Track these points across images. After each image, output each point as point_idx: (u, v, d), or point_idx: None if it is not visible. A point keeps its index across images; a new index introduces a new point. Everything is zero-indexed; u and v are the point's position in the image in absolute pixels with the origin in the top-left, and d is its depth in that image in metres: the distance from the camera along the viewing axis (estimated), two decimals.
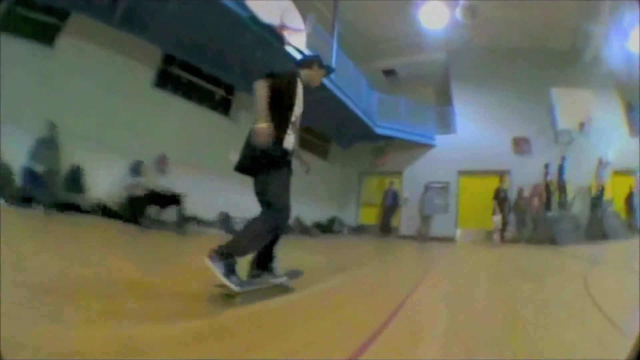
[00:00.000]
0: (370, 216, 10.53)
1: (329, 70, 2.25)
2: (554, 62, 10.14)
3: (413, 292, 2.28)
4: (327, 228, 9.98)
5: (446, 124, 10.41)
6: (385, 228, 9.73)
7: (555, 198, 9.37)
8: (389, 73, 11.34)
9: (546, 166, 9.56)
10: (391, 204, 9.81)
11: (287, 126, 1.87)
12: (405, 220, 10.03)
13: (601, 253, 6.10)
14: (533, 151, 10.00)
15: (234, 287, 1.60)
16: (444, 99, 10.85)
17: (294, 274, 2.10)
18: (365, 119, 9.42)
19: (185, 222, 5.57)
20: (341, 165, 11.21)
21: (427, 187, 9.48)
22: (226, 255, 1.62)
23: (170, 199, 5.43)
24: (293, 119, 1.93)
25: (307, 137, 9.97)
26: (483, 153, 9.81)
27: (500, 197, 8.65)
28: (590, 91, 9.62)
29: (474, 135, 10.07)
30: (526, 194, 9.26)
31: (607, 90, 10.04)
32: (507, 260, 5.45)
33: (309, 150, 10.01)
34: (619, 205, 9.29)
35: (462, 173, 10.18)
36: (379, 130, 9.80)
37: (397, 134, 10.05)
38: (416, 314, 1.80)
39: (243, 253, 1.75)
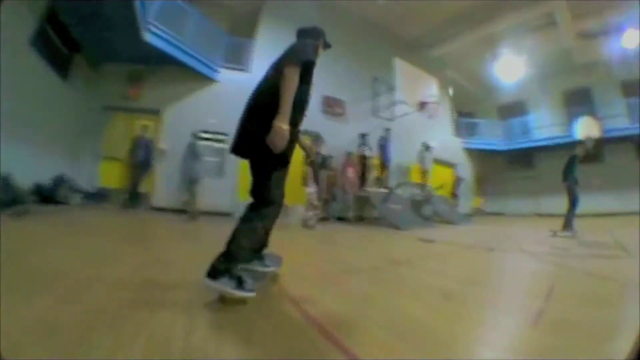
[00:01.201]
0: (115, 176, 6.40)
1: (328, 47, 1.83)
2: (394, 44, 9.34)
3: None
4: (49, 195, 5.38)
5: (237, 58, 7.42)
6: (133, 196, 5.92)
7: (372, 173, 7.47)
8: None
9: (362, 136, 7.70)
10: (142, 160, 6.11)
11: (302, 120, 1.56)
12: (162, 184, 6.34)
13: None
14: (347, 117, 8.12)
15: (252, 295, 1.34)
16: (243, 33, 7.95)
17: (275, 259, 1.83)
18: (133, 9, 5.46)
19: None
20: (85, 91, 6.61)
21: (195, 138, 5.98)
22: (228, 269, 1.35)
23: None
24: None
25: (47, 37, 5.39)
26: None
27: (317, 163, 5.90)
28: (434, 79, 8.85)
29: None
30: (336, 164, 6.99)
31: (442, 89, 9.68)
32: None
33: (45, 58, 5.35)
34: (446, 192, 9.16)
35: None
36: (149, 38, 5.95)
37: (170, 50, 6.24)
38: None
39: (246, 253, 1.47)
